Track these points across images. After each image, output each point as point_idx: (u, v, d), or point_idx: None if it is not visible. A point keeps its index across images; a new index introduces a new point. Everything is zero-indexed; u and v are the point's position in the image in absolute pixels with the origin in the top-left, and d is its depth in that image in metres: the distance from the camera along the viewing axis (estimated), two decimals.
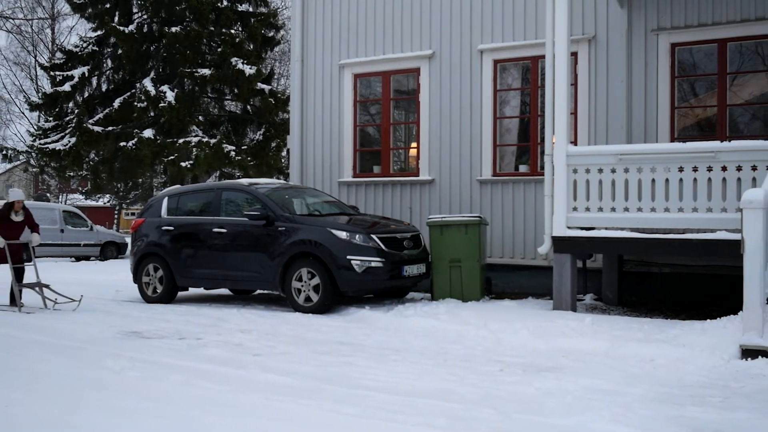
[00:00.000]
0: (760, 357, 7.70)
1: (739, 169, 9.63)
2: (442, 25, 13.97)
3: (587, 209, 10.56)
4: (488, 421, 5.62)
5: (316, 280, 11.48)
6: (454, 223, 11.97)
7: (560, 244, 10.68)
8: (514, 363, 7.87)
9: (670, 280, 11.96)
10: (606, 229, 10.35)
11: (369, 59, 14.71)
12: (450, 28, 13.89)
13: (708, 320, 8.93)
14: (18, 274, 12.41)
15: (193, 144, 24.54)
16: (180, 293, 13.58)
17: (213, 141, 24.76)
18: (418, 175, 14.19)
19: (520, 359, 8.09)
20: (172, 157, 24.64)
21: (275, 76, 35.92)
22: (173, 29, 25.21)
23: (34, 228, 12.78)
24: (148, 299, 13.25)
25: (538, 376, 7.17)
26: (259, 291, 14.09)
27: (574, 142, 12.28)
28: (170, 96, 24.48)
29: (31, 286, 12.39)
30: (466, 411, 5.91)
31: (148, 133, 24.67)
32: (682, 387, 6.83)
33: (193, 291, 14.18)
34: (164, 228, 13.21)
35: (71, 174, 32.73)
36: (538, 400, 6.31)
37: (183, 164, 24.42)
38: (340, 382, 6.91)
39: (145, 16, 26.64)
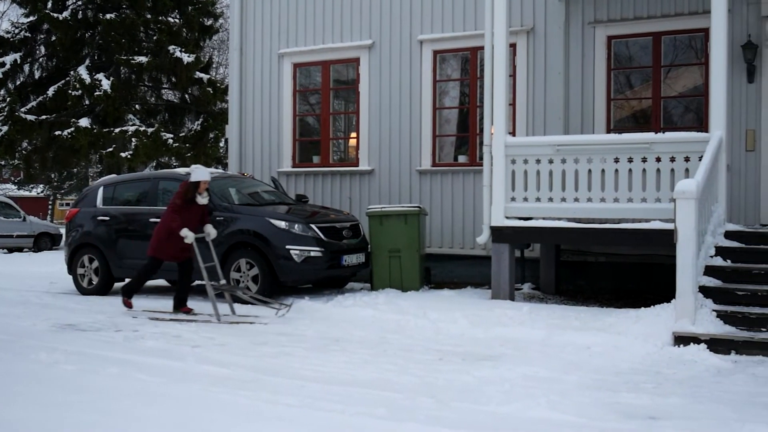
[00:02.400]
0: (692, 344, 7.87)
1: (672, 160, 9.82)
2: (382, 15, 13.94)
3: (525, 199, 10.66)
4: (427, 410, 5.65)
5: (255, 271, 11.40)
6: (394, 213, 11.99)
7: (498, 234, 10.77)
8: (452, 352, 7.92)
9: (606, 269, 12.14)
10: (543, 219, 10.47)
11: (309, 49, 14.62)
12: (390, 18, 13.88)
13: (642, 308, 9.09)
14: (188, 273, 10.87)
15: (130, 133, 24.13)
16: (117, 284, 13.34)
17: (151, 130, 24.39)
18: (357, 165, 14.17)
19: (458, 348, 8.14)
20: (110, 149, 24.20)
21: (214, 65, 35.46)
22: (109, 16, 24.71)
23: (206, 217, 10.94)
24: (83, 291, 13.01)
25: (477, 365, 7.22)
26: (197, 281, 13.92)
27: (513, 133, 12.38)
28: (106, 84, 24.03)
29: (226, 289, 10.67)
30: (405, 400, 5.93)
31: (84, 122, 24.18)
32: (617, 374, 6.95)
33: None
34: (100, 218, 12.98)
35: (3, 163, 31.95)
36: (476, 388, 6.36)
37: (123, 154, 24.01)
38: (278, 373, 6.88)
39: (79, 2, 26.05)
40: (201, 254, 10.46)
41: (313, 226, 11.52)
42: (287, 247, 11.27)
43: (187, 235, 10.30)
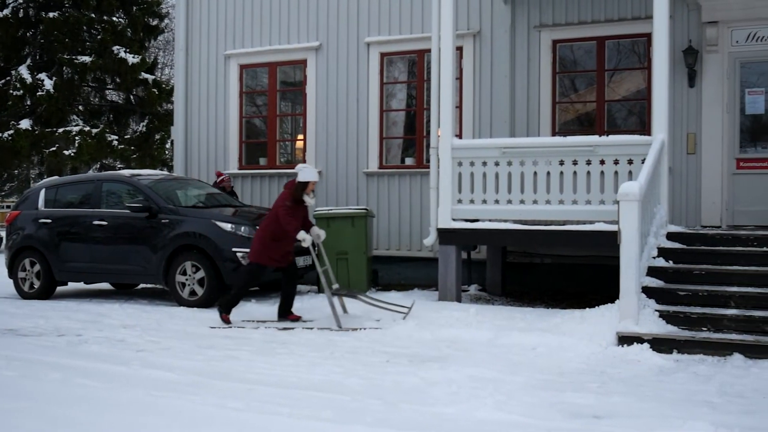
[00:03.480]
0: (635, 343, 7.99)
1: (616, 162, 9.97)
2: (329, 17, 13.93)
3: (472, 201, 10.72)
4: (374, 412, 5.65)
5: (200, 274, 11.29)
6: (341, 215, 12.00)
7: (445, 235, 10.81)
8: (400, 354, 7.93)
9: (551, 270, 12.28)
10: (490, 221, 10.53)
11: (255, 50, 14.54)
12: (337, 20, 13.87)
13: (587, 309, 9.19)
14: (293, 278, 10.31)
15: (74, 133, 23.75)
16: (59, 288, 13.11)
17: (95, 131, 24.03)
18: None
19: (405, 350, 8.15)
20: (53, 148, 23.78)
21: (159, 66, 35.13)
22: (51, 14, 24.34)
23: (308, 220, 10.27)
24: (24, 295, 12.75)
25: (424, 366, 7.24)
26: (142, 285, 13.77)
27: (459, 136, 12.45)
28: (48, 84, 23.66)
29: (346, 294, 10.23)
30: (352, 402, 5.92)
31: (25, 123, 23.76)
32: (562, 374, 7.03)
33: (72, 286, 13.71)
34: (41, 221, 12.74)
35: None
36: (423, 389, 6.38)
37: (66, 152, 23.59)
38: (224, 377, 6.82)
39: (20, 0, 25.60)
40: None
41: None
42: (233, 249, 11.18)
43: (305, 238, 9.68)
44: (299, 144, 14.67)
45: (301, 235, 9.65)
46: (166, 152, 27.06)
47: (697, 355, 7.77)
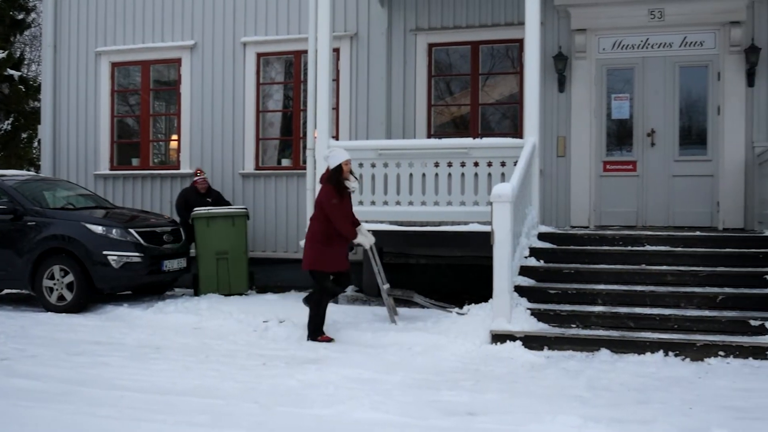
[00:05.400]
0: (508, 341, 8.18)
1: (489, 164, 10.21)
2: (205, 16, 13.71)
3: None
4: (250, 416, 5.59)
5: (69, 278, 10.91)
6: (221, 215, 11.86)
7: None
8: (276, 356, 7.88)
9: (427, 270, 12.41)
10: (366, 222, 10.53)
11: (128, 47, 14.17)
12: (213, 19, 13.66)
13: (463, 308, 9.38)
14: (346, 285, 9.48)
15: None
16: None
17: None
18: (179, 168, 13.85)
19: (282, 352, 8.11)
20: None
21: (26, 62, 33.76)
22: None
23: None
24: None
25: (301, 369, 7.21)
26: (7, 290, 13.18)
27: (336, 137, 12.45)
28: None
29: (400, 295, 9.85)
30: (228, 406, 5.85)
31: None
32: (438, 373, 7.13)
33: None
34: None
35: None
36: (300, 392, 6.35)
37: None
38: (95, 384, 6.61)
39: None
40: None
41: (132, 230, 11.16)
42: (104, 252, 10.86)
43: (363, 242, 9.12)
44: (173, 144, 14.38)
45: (361, 239, 9.05)
46: (34, 152, 26.10)
47: (567, 351, 8.02)
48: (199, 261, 11.85)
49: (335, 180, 8.65)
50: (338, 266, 8.84)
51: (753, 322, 8.03)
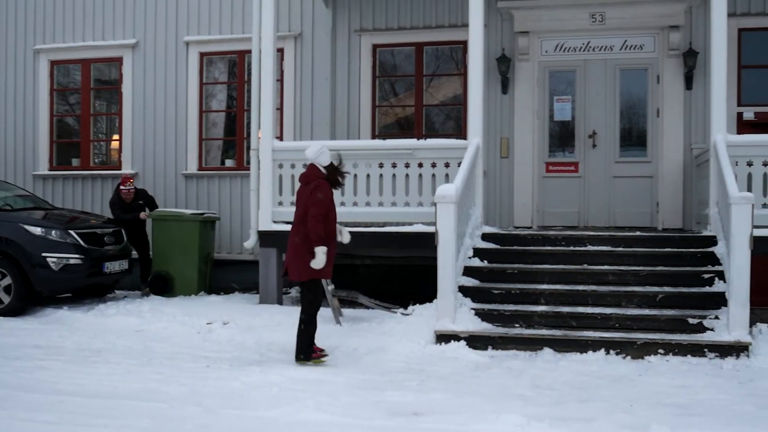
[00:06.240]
0: (452, 341, 8.23)
1: (434, 165, 10.25)
2: (147, 15, 13.54)
3: (292, 204, 10.66)
4: (194, 418, 5.54)
5: (7, 280, 10.68)
6: (172, 217, 11.87)
7: (266, 238, 10.75)
8: (220, 358, 7.82)
9: (372, 271, 12.42)
10: None
11: (68, 46, 13.92)
12: (155, 18, 13.50)
13: (408, 308, 9.41)
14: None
15: None
16: None
17: None
18: (120, 169, 13.65)
19: (226, 354, 8.05)
20: None
21: None
22: None
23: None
24: None
25: (245, 370, 7.16)
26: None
27: (280, 138, 12.41)
28: None
29: (345, 296, 9.66)
30: (171, 410, 5.78)
31: None
32: (383, 373, 7.14)
33: None
34: None
35: None
36: (244, 393, 6.32)
37: None
38: (34, 388, 6.49)
39: None
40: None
41: (72, 232, 10.97)
42: (43, 254, 10.66)
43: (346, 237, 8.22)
44: (114, 144, 14.16)
45: (346, 236, 8.22)
46: None
47: (511, 351, 8.09)
48: (152, 262, 11.90)
49: (333, 178, 7.86)
50: (329, 270, 7.88)
51: (691, 321, 8.20)
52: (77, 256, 10.86)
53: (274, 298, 10.75)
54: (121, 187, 12.13)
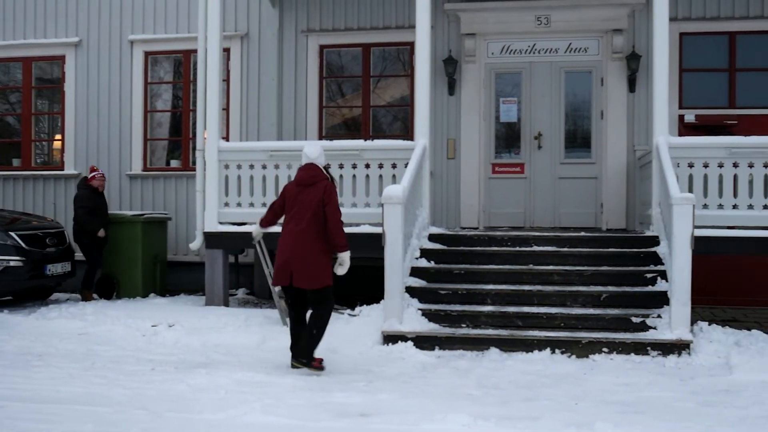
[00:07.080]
0: (399, 342, 8.26)
1: (381, 166, 10.25)
2: (90, 13, 13.34)
3: (239, 205, 10.64)
4: (139, 422, 5.46)
5: None
6: (114, 219, 11.77)
7: (212, 239, 10.67)
8: (165, 361, 7.73)
9: None
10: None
11: (7, 43, 13.65)
12: (99, 16, 13.31)
13: (355, 309, 9.41)
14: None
15: None
16: None
17: None
18: (63, 169, 13.43)
19: (172, 357, 7.96)
20: None
21: None
22: None
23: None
24: None
25: (191, 373, 7.09)
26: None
27: (227, 138, 12.32)
28: None
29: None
30: (115, 414, 5.70)
31: None
32: (330, 374, 7.12)
33: None
34: None
35: None
36: (190, 396, 6.25)
37: None
38: None
39: None
40: None
41: (12, 233, 10.77)
42: None
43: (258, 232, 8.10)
44: (57, 144, 13.93)
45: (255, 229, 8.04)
46: None
47: (458, 351, 8.14)
48: (104, 263, 11.81)
49: (332, 179, 7.55)
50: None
51: (635, 320, 8.33)
52: (18, 258, 10.67)
53: (220, 300, 10.66)
54: (94, 174, 11.84)
